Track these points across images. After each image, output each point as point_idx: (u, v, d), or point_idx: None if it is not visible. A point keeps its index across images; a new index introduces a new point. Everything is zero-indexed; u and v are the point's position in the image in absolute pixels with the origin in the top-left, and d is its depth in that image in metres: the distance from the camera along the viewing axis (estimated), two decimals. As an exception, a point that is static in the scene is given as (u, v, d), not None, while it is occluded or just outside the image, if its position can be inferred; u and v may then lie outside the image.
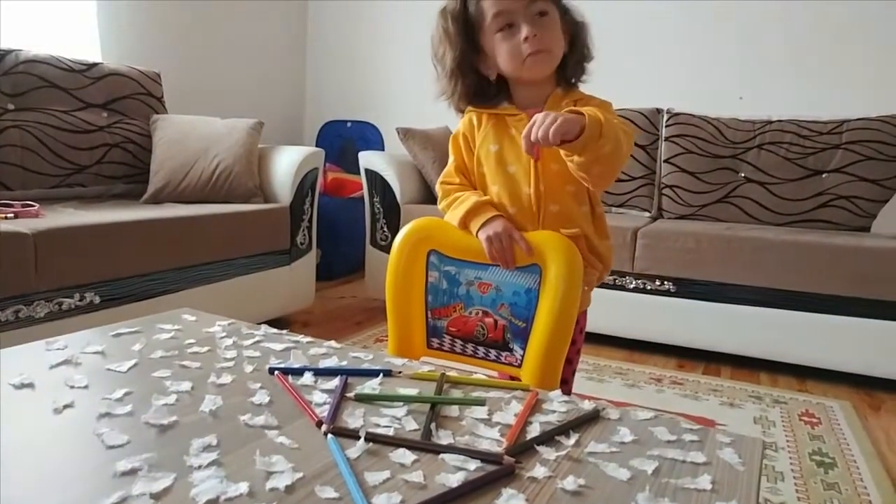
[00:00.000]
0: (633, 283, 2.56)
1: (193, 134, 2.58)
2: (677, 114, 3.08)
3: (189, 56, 3.40)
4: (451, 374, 0.83)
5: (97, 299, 1.88)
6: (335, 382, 0.78)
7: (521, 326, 1.06)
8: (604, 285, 2.61)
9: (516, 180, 1.11)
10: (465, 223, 1.11)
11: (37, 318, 1.74)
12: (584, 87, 1.17)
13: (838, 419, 1.98)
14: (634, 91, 3.27)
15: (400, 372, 0.83)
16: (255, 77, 3.89)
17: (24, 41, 2.51)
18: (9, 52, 2.33)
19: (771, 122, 2.92)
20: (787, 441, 1.80)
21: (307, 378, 0.80)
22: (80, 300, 1.84)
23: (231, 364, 0.84)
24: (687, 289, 2.47)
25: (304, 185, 2.68)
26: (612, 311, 2.57)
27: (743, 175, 2.89)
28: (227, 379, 0.78)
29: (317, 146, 3.95)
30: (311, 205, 2.75)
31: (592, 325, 2.59)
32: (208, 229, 2.24)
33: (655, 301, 2.52)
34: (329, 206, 3.43)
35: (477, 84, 1.14)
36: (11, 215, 1.89)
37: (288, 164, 2.65)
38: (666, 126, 3.09)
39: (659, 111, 3.15)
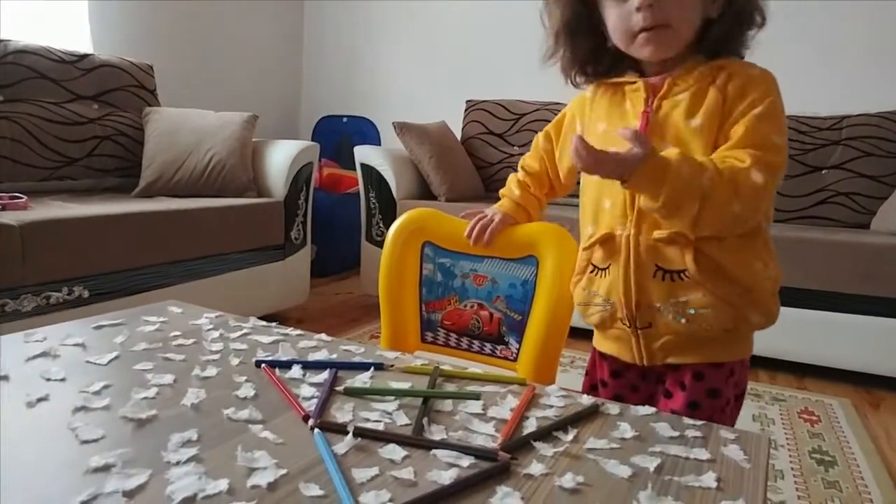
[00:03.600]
0: (631, 279, 2.53)
1: (186, 127, 2.54)
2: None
3: (183, 48, 3.36)
4: (445, 367, 0.80)
5: (86, 293, 1.85)
6: (324, 376, 0.75)
7: (517, 319, 1.04)
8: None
9: None
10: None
11: (24, 311, 1.71)
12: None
13: (838, 417, 1.96)
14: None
15: (392, 365, 0.80)
16: (250, 70, 3.86)
17: (14, 32, 2.47)
18: (-2, 42, 2.29)
19: (770, 118, 2.89)
20: (787, 439, 1.78)
21: (295, 371, 0.77)
22: (69, 294, 1.81)
23: (217, 357, 0.81)
24: (685, 285, 2.44)
25: (299, 180, 2.65)
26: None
27: (742, 171, 2.86)
28: (211, 372, 0.75)
29: (312, 141, 3.92)
30: (306, 200, 2.72)
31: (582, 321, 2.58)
32: (200, 223, 2.21)
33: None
34: (325, 201, 3.40)
35: (594, 48, 0.92)
36: (-1, 207, 1.86)
37: (282, 158, 2.62)
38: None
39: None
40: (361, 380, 0.75)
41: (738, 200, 0.78)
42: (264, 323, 0.96)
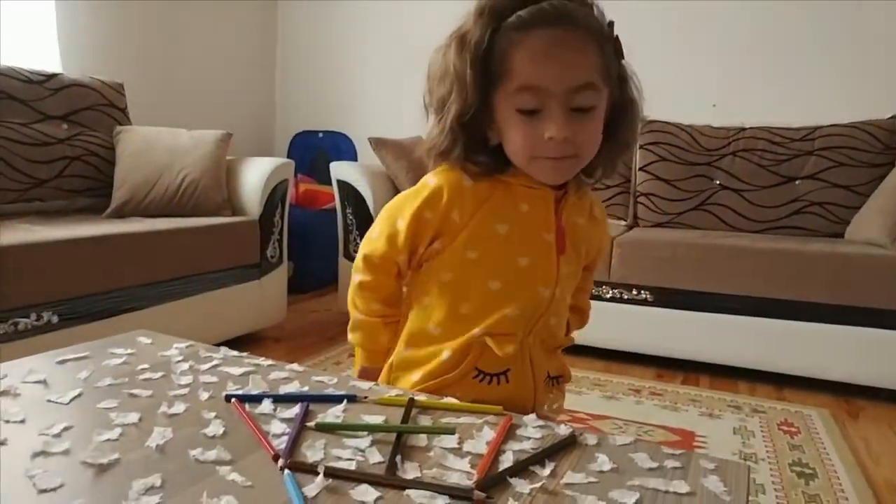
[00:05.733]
0: (610, 292, 2.53)
1: (158, 146, 2.50)
2: (652, 121, 3.07)
3: (154, 66, 3.32)
4: (421, 397, 0.79)
5: (55, 319, 1.80)
6: (295, 410, 0.73)
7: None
8: (580, 295, 2.58)
9: (529, 278, 0.85)
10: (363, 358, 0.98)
11: (-10, 340, 1.66)
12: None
13: (817, 428, 1.96)
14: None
15: (366, 397, 0.79)
16: (223, 87, 3.82)
17: None
18: (-38, 63, 2.24)
19: (744, 130, 2.92)
20: (767, 452, 1.77)
21: (266, 406, 0.75)
22: (37, 320, 1.76)
23: (185, 391, 0.79)
24: (665, 298, 2.45)
25: (274, 198, 2.62)
26: (589, 321, 2.54)
27: (718, 182, 2.88)
28: (179, 408, 0.73)
29: (288, 157, 3.88)
30: (282, 217, 2.69)
31: (569, 336, 2.57)
32: (174, 244, 2.18)
33: (633, 311, 2.49)
34: (301, 218, 3.37)
35: (477, 142, 0.84)
36: (-36, 232, 1.81)
37: (257, 175, 2.59)
38: (641, 134, 3.07)
39: (633, 119, 3.13)
40: (334, 413, 0.73)
41: None
42: (235, 353, 0.94)
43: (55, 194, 2.40)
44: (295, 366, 0.89)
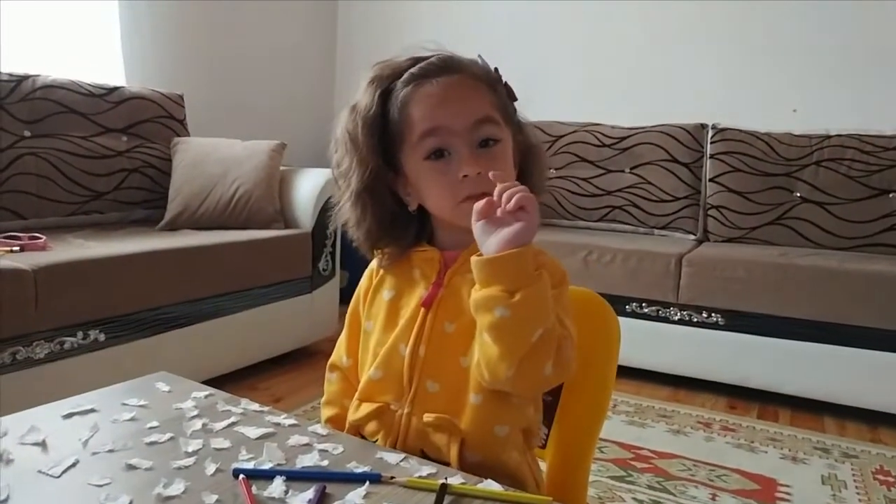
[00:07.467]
0: (678, 314, 2.37)
1: (212, 157, 2.48)
2: (724, 129, 2.88)
3: (214, 76, 3.31)
4: (456, 479, 0.68)
5: (102, 337, 1.78)
6: (309, 495, 0.64)
7: (547, 401, 0.90)
8: (646, 316, 2.42)
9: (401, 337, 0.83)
10: None
11: (36, 359, 1.64)
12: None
13: (917, 476, 1.75)
14: (676, 104, 3.08)
15: (392, 477, 0.68)
16: (282, 96, 3.79)
17: (47, 66, 2.42)
18: (25, 77, 2.27)
19: (830, 137, 2.69)
20: (861, 506, 1.59)
21: (277, 486, 0.65)
22: (84, 338, 1.74)
23: (191, 461, 0.70)
24: (738, 322, 2.27)
25: (328, 210, 2.56)
26: (655, 344, 2.38)
27: (798, 195, 2.67)
28: (178, 488, 0.64)
29: (347, 165, 3.82)
30: (335, 229, 2.63)
31: (634, 360, 2.40)
32: (223, 259, 2.14)
33: (703, 335, 2.33)
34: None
35: (392, 212, 0.83)
36: (17, 248, 1.81)
37: (310, 187, 2.54)
38: (711, 143, 2.90)
39: (703, 126, 2.95)
40: (353, 501, 0.63)
41: (551, 363, 0.70)
42: (257, 407, 0.85)
43: (112, 206, 2.41)
44: (318, 427, 0.80)
